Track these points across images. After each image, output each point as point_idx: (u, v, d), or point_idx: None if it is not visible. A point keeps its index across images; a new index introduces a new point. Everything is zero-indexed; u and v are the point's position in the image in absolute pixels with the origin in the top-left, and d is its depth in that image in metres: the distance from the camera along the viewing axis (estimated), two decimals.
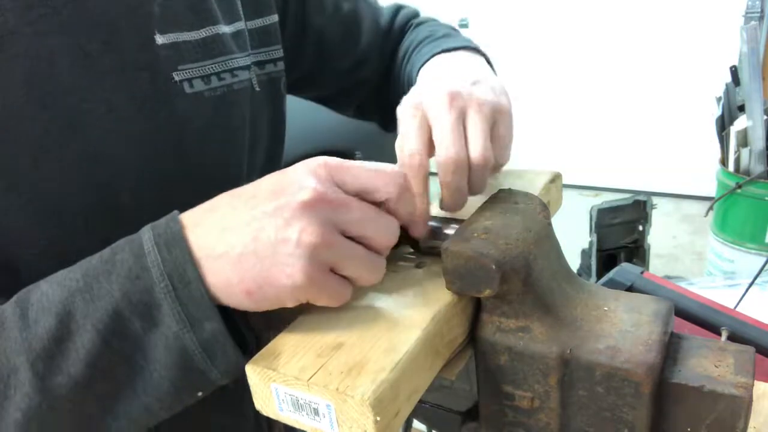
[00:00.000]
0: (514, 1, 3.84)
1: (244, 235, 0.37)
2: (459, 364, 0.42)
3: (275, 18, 0.63)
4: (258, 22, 0.61)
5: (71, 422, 0.40)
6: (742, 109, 1.98)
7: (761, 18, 3.00)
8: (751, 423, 0.47)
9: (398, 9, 0.76)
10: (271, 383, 0.37)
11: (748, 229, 2.00)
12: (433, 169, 0.47)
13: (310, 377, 0.35)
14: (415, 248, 0.48)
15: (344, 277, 0.39)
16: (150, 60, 0.50)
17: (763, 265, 1.21)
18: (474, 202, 0.48)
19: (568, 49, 3.76)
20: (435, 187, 0.47)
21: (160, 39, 0.50)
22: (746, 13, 3.05)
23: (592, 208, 2.08)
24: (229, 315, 0.40)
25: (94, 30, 0.47)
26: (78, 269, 0.40)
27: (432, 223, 0.47)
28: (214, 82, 0.54)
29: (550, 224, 0.45)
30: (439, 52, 0.63)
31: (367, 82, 0.75)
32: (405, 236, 0.46)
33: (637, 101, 3.65)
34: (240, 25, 0.58)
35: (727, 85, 2.05)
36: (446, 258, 0.40)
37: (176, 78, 0.51)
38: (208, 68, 0.54)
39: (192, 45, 0.52)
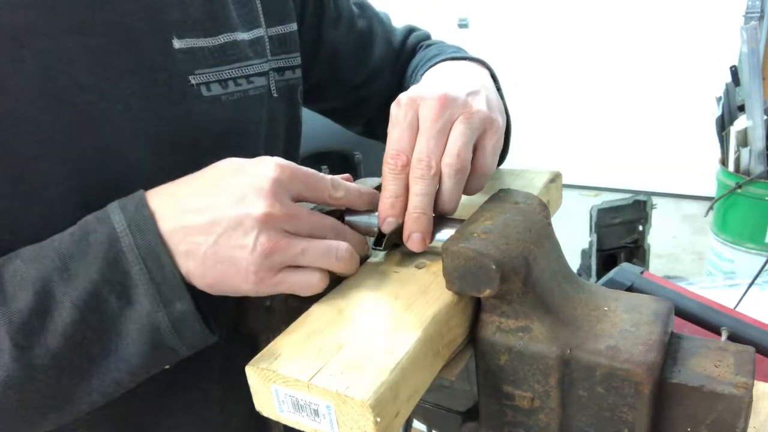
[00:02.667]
0: (514, 1, 3.84)
1: (208, 236, 0.42)
2: (459, 364, 0.42)
3: (295, 27, 0.63)
4: (279, 29, 0.62)
5: (47, 392, 0.42)
6: (742, 109, 1.98)
7: (761, 18, 3.00)
8: (751, 423, 0.47)
9: (411, 30, 0.78)
10: (271, 384, 0.37)
11: (748, 229, 2.00)
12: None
13: (311, 378, 0.35)
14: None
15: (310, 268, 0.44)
16: (167, 62, 0.50)
17: (763, 265, 1.21)
18: (474, 202, 0.48)
19: (568, 49, 3.76)
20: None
21: (177, 43, 0.51)
22: (746, 13, 3.05)
23: (592, 208, 2.08)
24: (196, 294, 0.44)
25: (114, 32, 0.48)
26: (50, 248, 0.42)
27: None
28: (231, 87, 0.55)
29: (550, 224, 0.45)
30: (446, 59, 0.64)
31: (376, 99, 0.75)
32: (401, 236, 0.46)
33: (637, 101, 3.65)
34: (259, 32, 0.59)
35: (727, 85, 2.05)
36: (446, 258, 0.40)
37: (193, 81, 0.52)
38: (225, 73, 0.54)
39: (208, 51, 0.53)
